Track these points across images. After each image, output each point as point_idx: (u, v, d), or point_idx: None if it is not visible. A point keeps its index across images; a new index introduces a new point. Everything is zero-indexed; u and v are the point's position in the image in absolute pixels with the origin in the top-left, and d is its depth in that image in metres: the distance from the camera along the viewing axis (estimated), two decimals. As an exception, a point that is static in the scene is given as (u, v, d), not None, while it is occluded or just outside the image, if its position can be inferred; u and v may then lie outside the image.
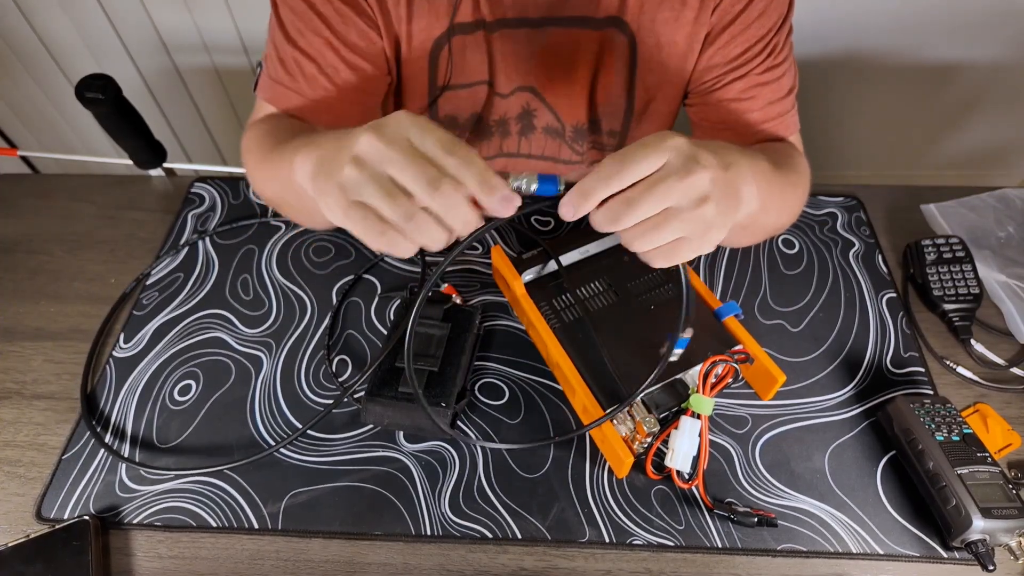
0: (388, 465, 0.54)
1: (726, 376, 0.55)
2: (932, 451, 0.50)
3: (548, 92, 0.68)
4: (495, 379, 0.59)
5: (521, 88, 0.67)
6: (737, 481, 0.53)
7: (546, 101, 0.69)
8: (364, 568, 0.50)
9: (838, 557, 0.49)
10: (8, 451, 0.56)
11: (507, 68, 0.65)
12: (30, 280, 0.69)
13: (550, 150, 0.74)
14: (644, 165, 0.38)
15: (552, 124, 0.71)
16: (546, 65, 0.65)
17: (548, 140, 0.73)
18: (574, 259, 0.62)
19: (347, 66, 0.59)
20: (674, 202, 0.38)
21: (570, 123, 0.71)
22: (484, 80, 0.66)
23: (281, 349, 0.61)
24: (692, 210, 0.38)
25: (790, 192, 0.56)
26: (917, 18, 1.25)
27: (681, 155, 0.38)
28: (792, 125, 0.63)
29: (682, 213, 0.38)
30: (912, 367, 0.60)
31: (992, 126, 1.47)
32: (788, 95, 0.62)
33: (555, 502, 0.52)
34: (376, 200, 0.37)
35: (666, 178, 0.38)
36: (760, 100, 0.61)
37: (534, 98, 0.68)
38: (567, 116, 0.70)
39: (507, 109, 0.69)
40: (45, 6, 1.23)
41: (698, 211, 0.38)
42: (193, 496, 0.53)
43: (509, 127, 0.72)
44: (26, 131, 1.47)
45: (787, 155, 0.60)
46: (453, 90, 0.66)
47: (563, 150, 0.74)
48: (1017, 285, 0.65)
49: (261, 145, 0.56)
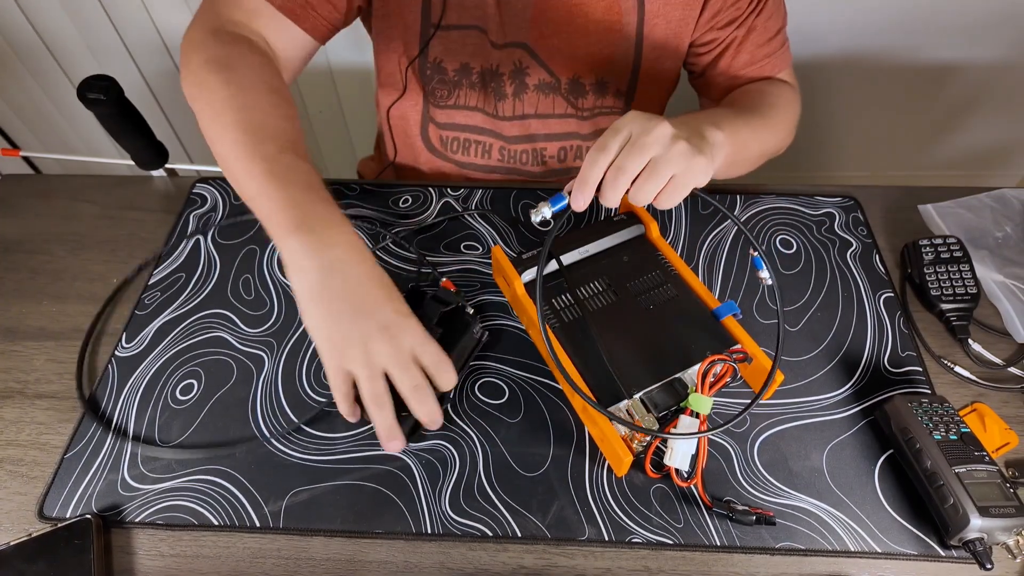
0: (389, 464, 0.54)
1: (724, 375, 0.55)
2: (930, 450, 0.50)
3: (542, 45, 0.68)
4: (495, 379, 0.59)
5: (514, 44, 0.68)
6: (736, 480, 0.53)
7: (539, 57, 0.69)
8: (365, 566, 0.50)
9: (836, 555, 0.50)
10: (10, 450, 0.56)
11: (503, 14, 0.65)
12: (32, 280, 0.69)
13: (543, 107, 0.74)
14: (616, 140, 0.47)
15: (545, 79, 0.71)
16: (541, 16, 0.66)
17: (541, 97, 0.73)
18: (574, 259, 0.62)
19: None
20: (652, 152, 0.46)
21: (565, 77, 0.71)
22: (477, 25, 0.66)
23: (283, 349, 0.62)
24: (668, 150, 0.47)
25: (763, 128, 0.63)
26: (915, 18, 1.25)
27: (639, 121, 0.48)
28: (781, 63, 0.71)
29: (662, 156, 0.47)
30: (910, 366, 0.60)
31: (990, 126, 1.48)
32: (777, 35, 0.69)
33: (555, 500, 0.52)
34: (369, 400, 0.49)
35: (637, 139, 0.47)
36: (749, 44, 0.68)
37: (526, 55, 0.69)
38: (562, 71, 0.70)
39: (499, 61, 0.69)
40: (47, 7, 1.23)
41: (674, 149, 0.47)
42: (195, 495, 0.53)
43: (504, 87, 0.72)
44: (28, 132, 1.47)
45: (761, 94, 0.68)
46: (445, 31, 0.66)
47: (557, 103, 0.74)
48: (1015, 285, 0.66)
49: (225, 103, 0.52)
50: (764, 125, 0.63)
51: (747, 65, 0.70)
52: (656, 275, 0.60)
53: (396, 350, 0.47)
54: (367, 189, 0.76)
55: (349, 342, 0.47)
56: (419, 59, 0.69)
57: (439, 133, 0.79)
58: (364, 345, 0.47)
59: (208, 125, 0.53)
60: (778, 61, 0.71)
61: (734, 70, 0.71)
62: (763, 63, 0.70)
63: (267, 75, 0.56)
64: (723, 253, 0.69)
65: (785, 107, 0.68)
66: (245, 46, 0.58)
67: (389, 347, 0.47)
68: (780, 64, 0.71)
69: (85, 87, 0.69)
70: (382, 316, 0.48)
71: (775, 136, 0.67)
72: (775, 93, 0.68)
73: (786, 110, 0.68)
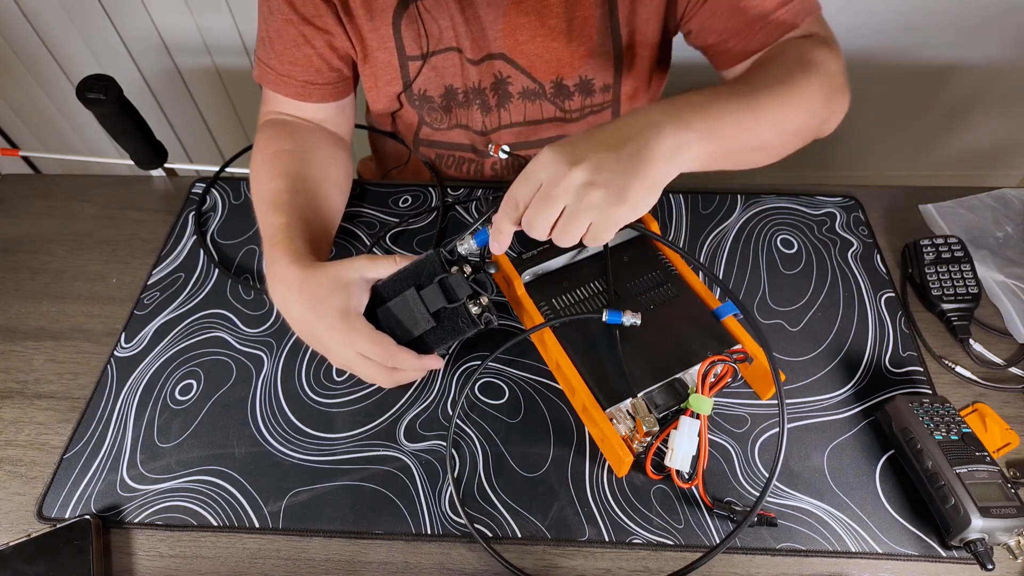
0: (388, 464, 0.54)
1: (725, 376, 0.55)
2: (931, 450, 0.50)
3: (519, 52, 0.68)
4: (495, 379, 0.59)
5: (491, 56, 0.68)
6: (736, 480, 0.53)
7: (518, 64, 0.69)
8: (365, 567, 0.50)
9: (837, 556, 0.50)
10: (10, 450, 0.56)
11: (472, 31, 0.65)
12: (32, 280, 0.69)
13: (531, 114, 0.74)
14: (526, 191, 0.45)
15: (529, 86, 0.71)
16: (512, 24, 0.65)
17: (528, 104, 0.73)
18: (574, 259, 0.62)
19: (305, 40, 0.64)
20: (562, 203, 0.44)
21: (548, 81, 0.70)
22: (451, 46, 0.66)
23: (282, 349, 0.62)
24: (581, 200, 0.43)
25: (770, 101, 0.51)
26: (915, 18, 1.25)
27: (550, 167, 0.44)
28: (801, 11, 0.58)
29: (574, 207, 0.44)
30: (911, 366, 0.60)
31: (990, 126, 1.48)
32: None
33: (555, 501, 0.52)
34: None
35: (546, 191, 0.44)
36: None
37: (506, 64, 0.68)
38: (543, 75, 0.70)
39: (480, 77, 0.69)
40: (47, 7, 1.23)
41: (587, 200, 0.43)
42: (194, 495, 0.53)
43: (488, 100, 0.72)
44: (28, 131, 1.47)
45: (776, 64, 0.56)
46: (423, 59, 0.67)
47: (545, 109, 0.74)
48: (1015, 285, 0.66)
49: (260, 170, 0.64)
50: (775, 102, 0.51)
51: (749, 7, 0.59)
52: (656, 275, 0.60)
53: (344, 357, 0.53)
54: (367, 189, 0.76)
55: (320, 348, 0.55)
56: (405, 94, 0.70)
57: (434, 151, 0.80)
58: (325, 350, 0.54)
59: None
60: (789, 12, 0.58)
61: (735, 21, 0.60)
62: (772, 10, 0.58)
63: (270, 151, 0.65)
64: (723, 253, 0.69)
65: (807, 73, 0.54)
66: (265, 132, 0.68)
67: (337, 358, 0.54)
68: (793, 15, 0.58)
69: (85, 87, 0.69)
70: (320, 338, 0.53)
71: (796, 112, 0.53)
72: (792, 57, 0.56)
73: (809, 77, 0.54)
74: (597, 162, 0.43)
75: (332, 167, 0.67)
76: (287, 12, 0.62)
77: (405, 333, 0.54)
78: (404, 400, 0.58)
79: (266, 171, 0.63)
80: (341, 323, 0.51)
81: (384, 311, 0.55)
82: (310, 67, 0.65)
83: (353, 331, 0.51)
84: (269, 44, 0.65)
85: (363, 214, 0.73)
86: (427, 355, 0.54)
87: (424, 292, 0.52)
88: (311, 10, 0.62)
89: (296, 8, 0.62)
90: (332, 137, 0.71)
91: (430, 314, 0.53)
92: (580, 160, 0.43)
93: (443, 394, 0.58)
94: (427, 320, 0.53)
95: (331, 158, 0.68)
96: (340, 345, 0.52)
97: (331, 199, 0.65)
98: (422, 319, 0.53)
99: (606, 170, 0.43)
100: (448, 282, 0.52)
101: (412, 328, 0.54)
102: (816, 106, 0.55)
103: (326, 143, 0.69)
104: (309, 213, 0.60)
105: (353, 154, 0.75)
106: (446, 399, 0.58)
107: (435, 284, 0.52)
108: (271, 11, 0.63)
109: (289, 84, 0.66)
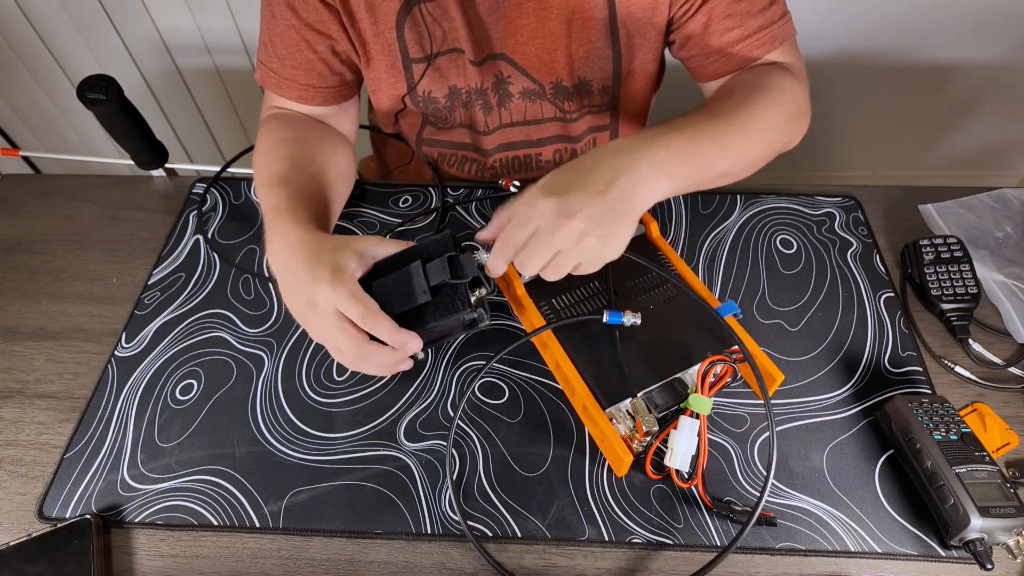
0: (389, 464, 0.54)
1: (725, 376, 0.55)
2: (930, 450, 0.50)
3: (519, 53, 0.68)
4: (495, 379, 0.59)
5: (492, 56, 0.68)
6: (736, 480, 0.53)
7: (518, 65, 0.69)
8: (365, 566, 0.50)
9: (836, 556, 0.50)
10: (10, 450, 0.56)
11: (474, 33, 0.65)
12: (32, 280, 0.69)
13: (532, 113, 0.74)
14: (522, 235, 0.49)
15: (529, 86, 0.71)
16: (513, 25, 0.65)
17: (528, 104, 0.73)
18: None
19: (308, 45, 0.64)
20: (558, 247, 0.48)
21: (548, 82, 0.71)
22: (453, 47, 0.66)
23: (282, 348, 0.62)
24: (574, 247, 0.48)
25: (735, 137, 0.57)
26: (915, 18, 1.25)
27: (547, 216, 0.48)
28: (775, 39, 0.63)
29: (566, 252, 0.48)
30: (910, 366, 0.60)
31: (990, 126, 1.48)
32: (770, 5, 0.62)
33: (555, 501, 0.52)
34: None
35: (544, 240, 0.48)
36: (720, 10, 0.62)
37: (506, 64, 0.69)
38: (543, 76, 0.70)
39: (482, 78, 0.69)
40: (47, 7, 1.23)
41: (579, 246, 0.48)
42: (194, 495, 0.53)
43: (489, 99, 0.72)
44: (28, 131, 1.47)
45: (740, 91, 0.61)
46: (427, 61, 0.67)
47: (545, 109, 0.74)
48: (1015, 285, 0.66)
49: (264, 157, 0.64)
50: (742, 136, 0.57)
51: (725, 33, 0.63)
52: (656, 275, 0.60)
53: (322, 317, 0.50)
54: (367, 189, 0.76)
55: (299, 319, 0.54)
56: (409, 95, 0.70)
57: (437, 151, 0.80)
58: (307, 307, 0.51)
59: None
60: (763, 38, 0.62)
61: (713, 43, 0.64)
62: (743, 38, 0.62)
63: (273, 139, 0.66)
64: (723, 253, 0.69)
65: (769, 104, 0.59)
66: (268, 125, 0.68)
67: (316, 322, 0.52)
68: (766, 42, 0.63)
69: (85, 87, 0.69)
70: (306, 292, 0.51)
71: (761, 142, 0.59)
72: (759, 86, 0.61)
73: (770, 107, 0.59)
74: (589, 215, 0.48)
75: (335, 156, 0.67)
76: (290, 17, 0.62)
77: (396, 306, 0.52)
78: (404, 400, 0.58)
79: (270, 157, 0.63)
80: (331, 276, 0.50)
81: (380, 283, 0.53)
82: (312, 71, 0.66)
83: (341, 285, 0.49)
84: (271, 48, 0.65)
85: (363, 214, 0.73)
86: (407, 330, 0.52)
87: (429, 265, 0.52)
88: (314, 15, 0.62)
89: (299, 13, 0.62)
90: (335, 132, 0.71)
91: (429, 288, 0.52)
92: (575, 212, 0.47)
93: (443, 394, 0.58)
94: (424, 293, 0.51)
95: (335, 148, 0.68)
96: (323, 298, 0.49)
97: (334, 185, 0.65)
98: (419, 291, 0.51)
99: (595, 220, 0.48)
100: (459, 260, 0.52)
101: (405, 301, 0.52)
102: (779, 133, 0.61)
103: (330, 135, 0.69)
104: (313, 192, 0.60)
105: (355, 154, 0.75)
106: (446, 399, 0.58)
107: (443, 258, 0.52)
108: (273, 16, 0.63)
109: (292, 88, 0.66)
